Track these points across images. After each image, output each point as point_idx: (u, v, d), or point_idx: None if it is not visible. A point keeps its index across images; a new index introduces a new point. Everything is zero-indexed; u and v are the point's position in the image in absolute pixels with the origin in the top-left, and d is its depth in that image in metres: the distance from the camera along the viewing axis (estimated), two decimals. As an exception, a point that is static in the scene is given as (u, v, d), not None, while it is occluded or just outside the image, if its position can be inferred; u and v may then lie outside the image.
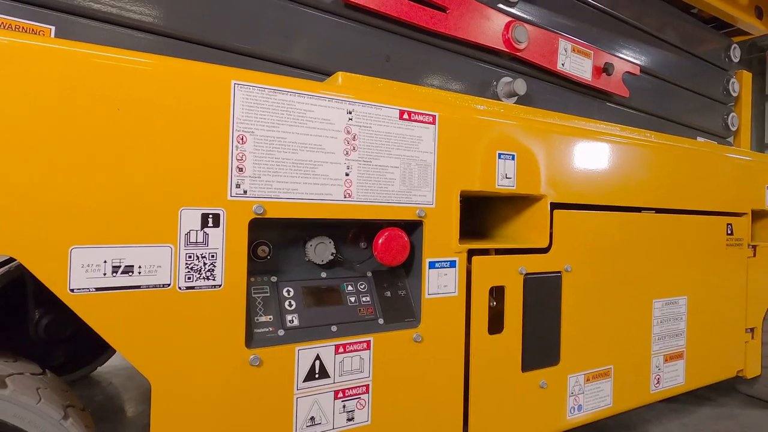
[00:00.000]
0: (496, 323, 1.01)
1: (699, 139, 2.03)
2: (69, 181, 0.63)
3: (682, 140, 1.46)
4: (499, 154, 1.00)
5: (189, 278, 0.71)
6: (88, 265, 0.65)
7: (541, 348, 1.08)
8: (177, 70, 0.70)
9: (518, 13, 1.48)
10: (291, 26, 1.15)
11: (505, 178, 1.01)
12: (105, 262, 0.66)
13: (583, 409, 1.14)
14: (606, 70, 1.64)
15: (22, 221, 0.61)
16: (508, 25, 1.42)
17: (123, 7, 0.94)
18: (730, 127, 2.21)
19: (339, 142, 0.81)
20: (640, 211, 1.26)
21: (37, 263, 0.62)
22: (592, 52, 1.63)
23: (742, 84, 2.30)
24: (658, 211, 1.30)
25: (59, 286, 0.63)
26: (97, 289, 0.65)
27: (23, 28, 0.83)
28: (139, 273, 0.68)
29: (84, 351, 1.65)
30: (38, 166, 0.62)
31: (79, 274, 0.64)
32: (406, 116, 0.87)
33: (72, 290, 0.64)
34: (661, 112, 1.94)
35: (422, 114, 0.89)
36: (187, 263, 0.71)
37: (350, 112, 0.82)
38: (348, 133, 0.82)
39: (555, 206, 1.09)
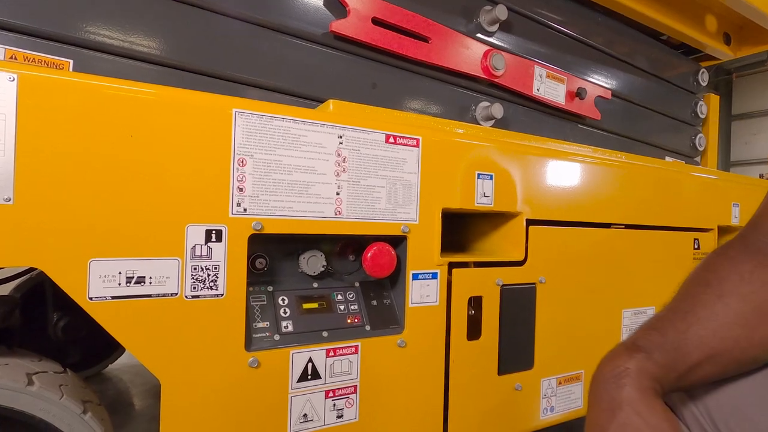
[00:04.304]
0: (474, 330, 1.10)
1: (668, 158, 2.16)
2: (88, 201, 0.71)
3: (652, 160, 1.58)
4: (478, 174, 1.09)
5: (194, 288, 0.79)
6: (105, 276, 0.72)
7: (517, 353, 1.16)
8: (184, 100, 0.78)
9: (496, 42, 1.60)
10: (283, 56, 1.25)
11: (483, 197, 1.10)
12: (120, 273, 0.73)
13: (556, 410, 1.22)
14: (579, 94, 1.76)
15: (47, 237, 0.69)
16: (486, 54, 1.54)
17: (133, 41, 1.03)
18: (698, 147, 2.35)
19: (330, 164, 0.90)
20: (610, 227, 1.36)
21: (60, 274, 0.70)
22: (566, 77, 1.75)
23: (709, 106, 2.44)
24: (628, 227, 1.41)
25: (79, 295, 0.71)
26: (113, 297, 0.73)
27: (45, 62, 0.91)
28: (150, 283, 0.75)
29: (97, 350, 1.82)
30: (61, 187, 0.70)
31: (97, 284, 0.72)
32: (391, 140, 0.97)
33: (91, 298, 0.72)
34: (632, 133, 2.07)
35: (407, 138, 0.99)
36: (192, 274, 0.78)
37: (341, 137, 0.91)
38: (339, 155, 0.91)
39: (530, 222, 1.19)
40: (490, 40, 1.59)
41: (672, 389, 0.55)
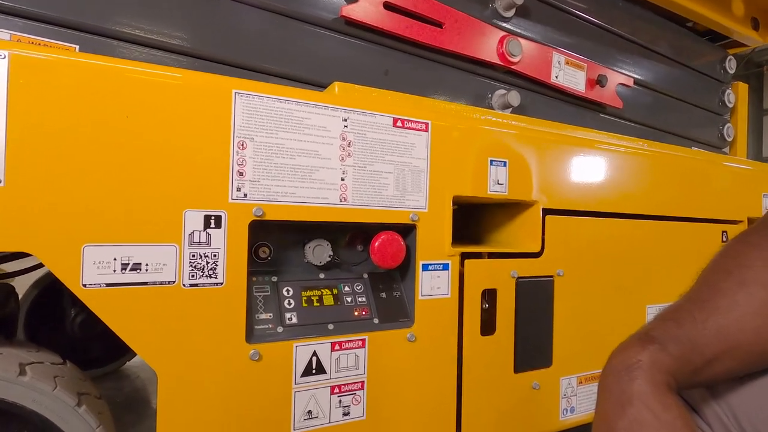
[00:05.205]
0: (488, 325, 1.05)
1: (694, 149, 2.06)
2: (81, 183, 0.69)
3: (677, 149, 1.50)
4: (491, 161, 1.04)
5: (192, 276, 0.75)
6: (99, 262, 0.69)
7: (534, 350, 1.10)
8: (182, 79, 0.75)
9: (512, 28, 1.54)
10: (294, 43, 1.22)
11: (497, 184, 1.05)
12: (115, 259, 0.70)
13: (576, 411, 1.15)
14: (599, 81, 1.69)
15: (39, 220, 0.66)
16: (502, 39, 1.48)
17: (138, 26, 1.00)
18: (726, 137, 2.23)
19: (335, 149, 0.86)
20: (633, 218, 1.29)
21: (53, 260, 0.67)
22: (586, 64, 1.68)
23: (738, 95, 2.33)
24: (652, 218, 1.33)
25: (73, 282, 0.68)
26: (108, 285, 0.70)
27: (50, 47, 0.89)
28: (147, 270, 0.72)
29: (115, 346, 1.80)
30: (53, 169, 0.67)
31: (91, 271, 0.69)
32: (399, 124, 0.92)
33: (84, 285, 0.69)
34: (655, 123, 1.98)
35: (415, 122, 0.94)
36: (190, 262, 0.75)
37: (345, 120, 0.87)
38: (343, 139, 0.87)
39: (547, 212, 1.13)
40: (507, 26, 1.53)
41: (688, 384, 0.51)
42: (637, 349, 0.49)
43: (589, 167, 1.19)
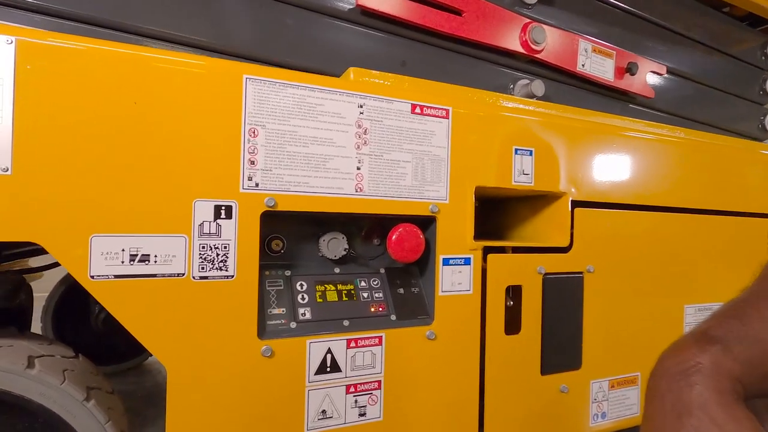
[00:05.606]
0: (513, 323, 0.99)
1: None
2: (89, 172, 0.67)
3: (717, 137, 1.40)
4: (516, 150, 0.98)
5: (202, 268, 0.73)
6: (108, 253, 0.67)
7: (562, 351, 1.04)
8: (191, 65, 0.73)
9: (535, 16, 1.47)
10: (309, 34, 1.19)
11: (522, 174, 0.99)
12: (123, 250, 0.68)
13: (608, 417, 1.08)
14: (629, 70, 1.60)
15: (46, 210, 0.64)
16: (525, 27, 1.41)
17: (146, 20, 0.99)
18: (767, 129, 2.10)
19: (350, 136, 0.82)
20: (670, 212, 1.21)
21: (60, 250, 0.65)
22: (614, 52, 1.60)
23: (780, 84, 2.19)
24: (690, 211, 1.24)
25: (81, 273, 0.66)
26: (116, 277, 0.68)
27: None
28: (155, 262, 0.70)
29: (138, 342, 1.82)
30: (61, 158, 0.65)
31: (99, 262, 0.67)
32: (418, 110, 0.88)
33: (93, 277, 0.67)
34: (690, 114, 1.87)
35: (435, 108, 0.89)
36: (200, 254, 0.72)
37: (361, 106, 0.83)
38: (359, 127, 0.83)
39: (576, 204, 1.06)
40: (529, 12, 1.46)
41: (756, 393, 0.44)
42: (695, 351, 0.42)
43: (622, 157, 1.12)
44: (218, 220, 0.73)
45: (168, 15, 1.01)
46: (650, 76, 1.70)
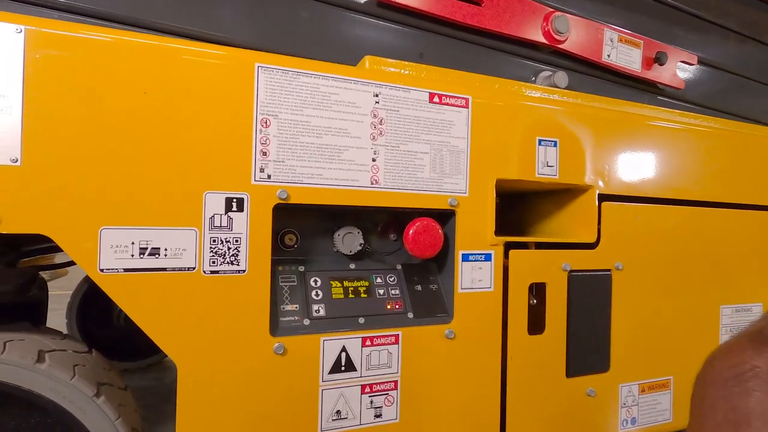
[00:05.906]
0: (536, 323, 0.94)
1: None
2: (99, 163, 0.65)
3: (755, 128, 1.32)
4: (540, 141, 0.94)
5: (213, 262, 0.70)
6: (117, 246, 0.66)
7: (589, 352, 0.98)
8: (202, 53, 0.71)
9: (558, 5, 1.42)
10: (325, 27, 1.16)
11: (546, 167, 0.95)
12: (132, 243, 0.67)
13: (638, 423, 1.02)
14: (658, 59, 1.53)
15: (56, 201, 0.63)
16: (547, 17, 1.36)
17: (157, 12, 0.98)
18: (807, 120, 1.99)
19: (365, 126, 0.79)
20: (704, 206, 1.14)
21: (70, 242, 0.64)
22: (642, 41, 1.53)
23: (819, 74, 2.07)
24: (727, 206, 1.17)
25: (90, 266, 0.65)
26: (125, 270, 0.66)
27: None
28: (165, 255, 0.68)
29: None
30: (70, 149, 0.64)
31: (108, 255, 0.66)
32: (436, 99, 0.84)
33: (102, 270, 0.65)
34: (722, 106, 1.78)
35: (454, 97, 0.86)
36: (211, 247, 0.70)
37: (377, 95, 0.80)
38: (375, 116, 0.80)
39: (603, 198, 1.01)
40: (552, 2, 1.41)
41: None
42: (751, 353, 0.38)
43: (652, 148, 1.06)
44: (229, 213, 0.71)
45: (181, 9, 1.00)
46: (680, 67, 1.62)
